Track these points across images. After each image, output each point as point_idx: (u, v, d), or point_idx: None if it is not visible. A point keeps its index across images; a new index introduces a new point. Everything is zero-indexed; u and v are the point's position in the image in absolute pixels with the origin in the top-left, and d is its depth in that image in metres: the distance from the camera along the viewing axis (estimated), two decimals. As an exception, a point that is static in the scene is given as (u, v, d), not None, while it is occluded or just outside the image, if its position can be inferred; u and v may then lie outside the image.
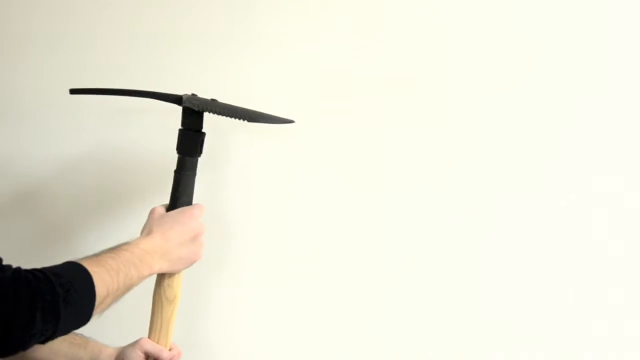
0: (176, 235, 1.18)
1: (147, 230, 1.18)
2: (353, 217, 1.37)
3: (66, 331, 0.97)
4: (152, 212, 1.21)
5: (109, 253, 1.09)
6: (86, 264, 1.01)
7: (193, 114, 1.21)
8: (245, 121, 1.21)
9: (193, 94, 1.23)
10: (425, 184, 1.35)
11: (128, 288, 1.09)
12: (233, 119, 1.21)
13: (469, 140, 1.33)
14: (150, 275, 1.15)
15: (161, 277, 1.21)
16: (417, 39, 1.34)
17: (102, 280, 1.01)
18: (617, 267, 1.28)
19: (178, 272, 1.21)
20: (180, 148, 1.22)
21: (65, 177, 1.48)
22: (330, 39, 1.37)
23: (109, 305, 1.05)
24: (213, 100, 1.23)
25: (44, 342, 0.93)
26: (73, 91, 1.25)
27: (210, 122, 1.23)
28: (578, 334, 1.30)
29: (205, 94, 1.24)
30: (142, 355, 1.21)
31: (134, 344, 1.21)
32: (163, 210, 1.21)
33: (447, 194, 1.34)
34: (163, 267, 1.17)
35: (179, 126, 1.22)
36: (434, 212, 1.34)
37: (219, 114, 1.20)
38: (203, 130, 1.23)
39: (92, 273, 0.99)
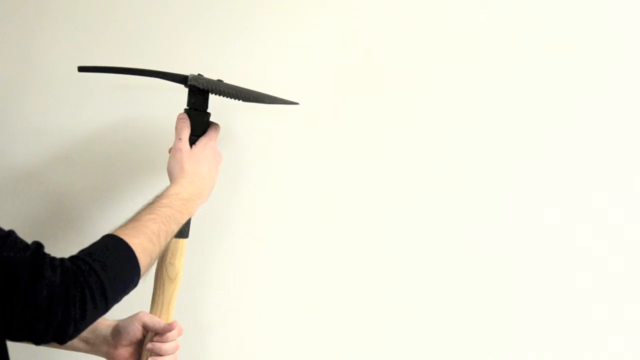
0: (208, 171, 1.20)
1: (180, 169, 1.18)
2: (356, 204, 1.37)
3: (114, 304, 1.00)
4: (178, 150, 1.19)
5: (148, 215, 1.09)
6: (127, 237, 1.02)
7: (198, 93, 1.22)
8: (250, 102, 1.22)
9: (199, 74, 1.24)
10: (423, 186, 1.34)
11: (168, 243, 1.12)
12: (238, 100, 1.21)
13: (470, 143, 1.32)
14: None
15: (163, 255, 1.22)
16: (417, 39, 1.34)
17: (145, 250, 1.04)
18: (617, 267, 1.27)
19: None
20: (194, 128, 1.22)
21: (74, 154, 1.49)
22: (340, 21, 1.37)
23: (151, 267, 1.08)
24: (219, 80, 1.24)
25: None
26: (81, 69, 1.26)
27: (216, 103, 1.24)
28: (577, 334, 1.30)
29: (212, 75, 1.25)
30: (140, 328, 1.22)
31: (133, 317, 1.22)
32: (187, 145, 1.20)
33: (446, 197, 1.33)
34: (199, 205, 1.19)
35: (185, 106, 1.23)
36: (434, 214, 1.34)
37: (223, 94, 1.20)
38: (208, 110, 1.24)
39: (133, 247, 1.01)
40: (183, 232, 1.22)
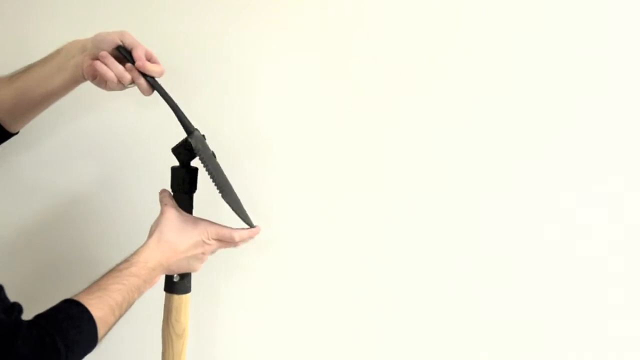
0: (186, 249, 1.17)
1: (158, 234, 1.15)
2: (353, 218, 1.31)
3: None
4: (165, 212, 1.17)
5: (116, 284, 1.10)
6: (92, 308, 1.05)
7: (187, 149, 1.16)
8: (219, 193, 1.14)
9: (203, 135, 1.19)
10: (424, 186, 1.29)
11: (127, 311, 1.13)
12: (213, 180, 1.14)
13: (469, 142, 1.27)
14: None
15: (168, 313, 1.25)
16: (418, 38, 1.27)
17: (105, 323, 1.07)
18: (617, 268, 1.25)
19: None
20: (172, 184, 1.19)
21: (71, 170, 1.40)
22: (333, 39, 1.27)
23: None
24: (213, 154, 1.18)
25: None
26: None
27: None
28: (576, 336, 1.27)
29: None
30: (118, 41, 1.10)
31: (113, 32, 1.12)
32: (172, 211, 1.17)
33: (447, 197, 1.29)
34: (160, 275, 1.18)
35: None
36: (434, 214, 1.29)
37: (205, 168, 1.13)
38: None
39: (96, 319, 1.05)
40: (185, 288, 1.23)
